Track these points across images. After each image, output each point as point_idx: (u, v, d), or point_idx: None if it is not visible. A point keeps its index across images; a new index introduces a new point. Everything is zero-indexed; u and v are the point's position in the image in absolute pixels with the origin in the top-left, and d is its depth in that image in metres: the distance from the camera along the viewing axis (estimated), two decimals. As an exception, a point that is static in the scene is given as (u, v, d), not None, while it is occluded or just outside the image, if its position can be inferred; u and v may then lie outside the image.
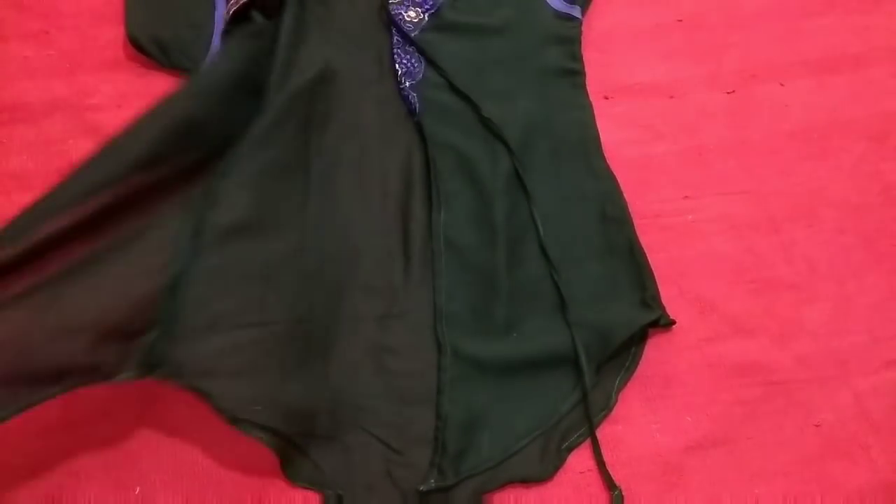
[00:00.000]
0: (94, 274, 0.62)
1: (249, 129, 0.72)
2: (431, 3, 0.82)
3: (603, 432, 0.69)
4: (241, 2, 0.82)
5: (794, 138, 0.84)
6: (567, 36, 0.83)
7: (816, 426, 0.70)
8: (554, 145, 0.79)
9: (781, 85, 0.88)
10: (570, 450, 0.68)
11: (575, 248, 0.75)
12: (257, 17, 0.81)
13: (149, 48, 0.82)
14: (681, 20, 0.90)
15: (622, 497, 0.66)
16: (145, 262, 0.64)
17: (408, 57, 0.81)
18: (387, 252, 0.73)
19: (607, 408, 0.69)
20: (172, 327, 0.64)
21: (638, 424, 0.70)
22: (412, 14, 0.82)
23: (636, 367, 0.71)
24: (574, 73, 0.82)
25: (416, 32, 0.81)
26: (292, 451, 0.65)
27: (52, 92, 0.81)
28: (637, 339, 0.72)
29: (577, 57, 0.83)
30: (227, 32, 0.81)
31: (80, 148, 0.78)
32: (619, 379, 0.70)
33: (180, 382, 0.63)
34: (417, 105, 0.78)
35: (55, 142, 0.77)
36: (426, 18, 0.82)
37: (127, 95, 0.80)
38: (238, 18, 0.81)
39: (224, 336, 0.65)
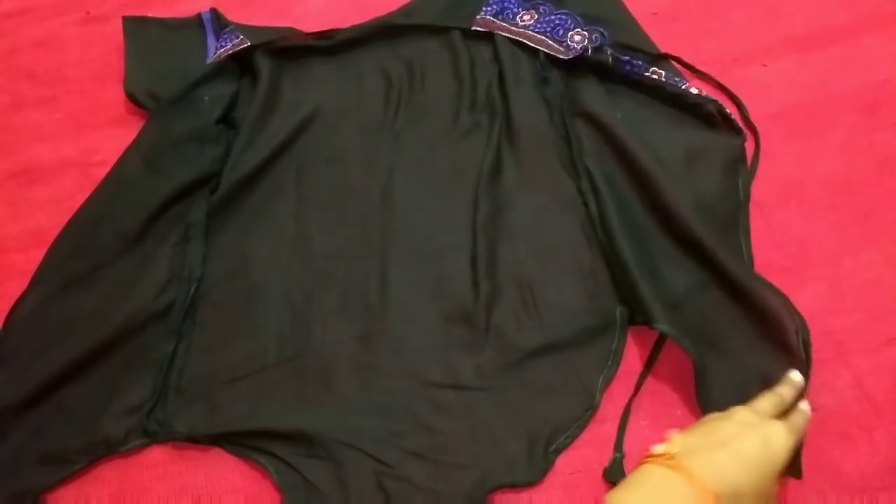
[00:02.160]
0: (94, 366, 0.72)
1: (231, 174, 0.81)
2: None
3: (592, 431, 0.69)
4: (228, 52, 0.88)
5: (780, 118, 0.83)
6: None
7: (814, 411, 0.68)
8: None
9: (764, 66, 0.87)
10: (557, 452, 0.68)
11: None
12: (261, 59, 0.87)
13: (145, 102, 0.88)
14: (656, 13, 0.90)
15: (622, 460, 0.66)
16: (140, 341, 0.73)
17: None
18: (363, 275, 0.76)
19: (592, 406, 0.69)
20: (171, 395, 0.72)
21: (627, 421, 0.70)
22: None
23: (618, 364, 0.71)
24: None
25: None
26: (288, 471, 0.68)
27: (61, 152, 0.88)
28: (619, 337, 0.72)
29: None
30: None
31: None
32: (601, 378, 0.70)
33: (184, 440, 0.70)
34: None
35: (66, 198, 0.83)
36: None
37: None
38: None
39: (221, 391, 0.72)
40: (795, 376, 0.64)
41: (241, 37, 0.89)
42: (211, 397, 0.72)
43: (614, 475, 0.66)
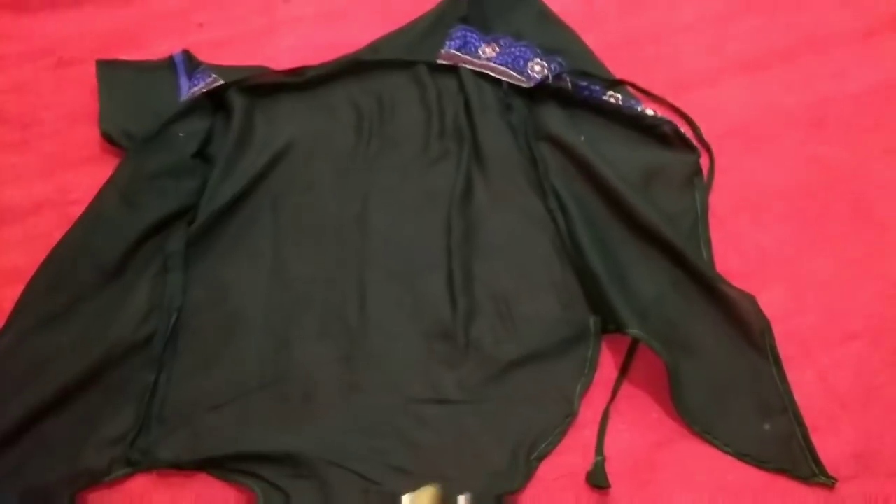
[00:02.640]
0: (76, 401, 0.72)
1: (208, 206, 0.82)
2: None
3: (572, 437, 0.71)
4: (202, 90, 0.90)
5: (732, 135, 0.88)
6: None
7: (783, 407, 0.71)
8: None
9: (712, 88, 0.92)
10: (539, 459, 0.69)
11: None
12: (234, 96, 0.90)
13: (120, 140, 0.89)
14: (609, 44, 0.95)
15: (604, 462, 0.68)
16: (121, 372, 0.73)
17: None
18: (341, 298, 0.78)
19: (571, 413, 0.71)
20: (154, 424, 0.72)
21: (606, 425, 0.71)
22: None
23: (595, 372, 0.73)
24: None
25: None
26: (275, 493, 0.68)
27: (36, 192, 0.89)
28: (593, 346, 0.74)
29: None
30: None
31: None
32: (579, 385, 0.72)
33: (168, 468, 0.70)
34: None
35: (41, 236, 0.83)
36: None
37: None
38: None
39: (204, 418, 0.72)
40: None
41: (214, 76, 0.91)
42: (194, 424, 0.72)
43: (597, 478, 0.68)
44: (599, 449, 0.70)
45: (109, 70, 0.95)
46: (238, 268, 0.81)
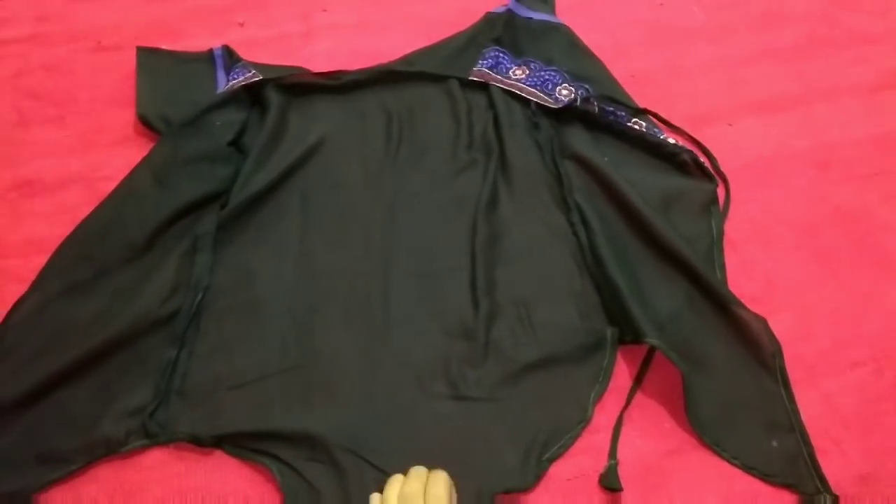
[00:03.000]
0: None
1: (240, 194, 0.84)
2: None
3: (587, 441, 0.72)
4: (241, 83, 0.93)
5: (747, 169, 0.92)
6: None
7: (790, 426, 0.74)
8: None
9: (730, 125, 0.96)
10: (550, 461, 0.71)
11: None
12: (271, 92, 0.92)
13: (157, 125, 0.91)
14: (633, 76, 1.00)
15: (616, 466, 0.69)
16: (143, 345, 0.75)
17: None
18: (365, 292, 0.80)
19: (584, 419, 0.73)
20: (173, 398, 0.73)
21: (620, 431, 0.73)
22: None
23: (609, 381, 0.75)
24: None
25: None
26: (291, 474, 0.69)
27: (67, 167, 0.89)
28: (609, 356, 0.76)
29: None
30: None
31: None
32: (593, 393, 0.74)
33: (186, 441, 0.70)
34: None
35: (69, 210, 0.84)
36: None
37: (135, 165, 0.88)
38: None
39: (224, 396, 0.73)
40: None
41: (253, 71, 0.94)
42: (214, 401, 0.73)
43: (610, 481, 0.69)
44: (613, 453, 0.71)
45: (149, 57, 0.98)
46: (265, 255, 0.82)
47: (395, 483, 0.60)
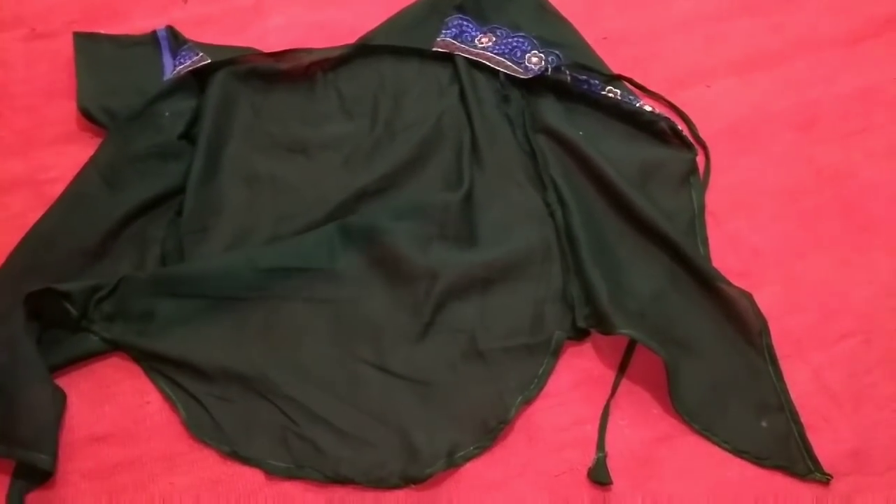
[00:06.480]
0: None
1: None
2: None
3: (573, 433, 0.70)
4: (189, 68, 0.87)
5: (727, 134, 0.88)
6: None
7: (779, 405, 0.72)
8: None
9: (708, 87, 0.92)
10: (465, 459, 0.68)
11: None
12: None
13: (99, 117, 0.85)
14: (605, 38, 0.95)
15: (605, 458, 0.68)
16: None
17: None
18: (327, 243, 0.78)
19: (505, 421, 0.70)
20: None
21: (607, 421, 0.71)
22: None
23: (540, 389, 0.72)
24: None
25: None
26: (197, 407, 0.70)
27: (9, 171, 0.84)
28: (547, 363, 0.73)
29: None
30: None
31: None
32: (520, 397, 0.71)
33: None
34: None
35: (15, 217, 0.79)
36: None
37: (82, 165, 0.82)
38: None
39: (164, 304, 0.74)
40: None
41: (201, 54, 0.88)
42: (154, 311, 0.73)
43: (599, 475, 0.67)
44: (601, 445, 0.69)
45: (88, 43, 0.91)
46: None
47: None
